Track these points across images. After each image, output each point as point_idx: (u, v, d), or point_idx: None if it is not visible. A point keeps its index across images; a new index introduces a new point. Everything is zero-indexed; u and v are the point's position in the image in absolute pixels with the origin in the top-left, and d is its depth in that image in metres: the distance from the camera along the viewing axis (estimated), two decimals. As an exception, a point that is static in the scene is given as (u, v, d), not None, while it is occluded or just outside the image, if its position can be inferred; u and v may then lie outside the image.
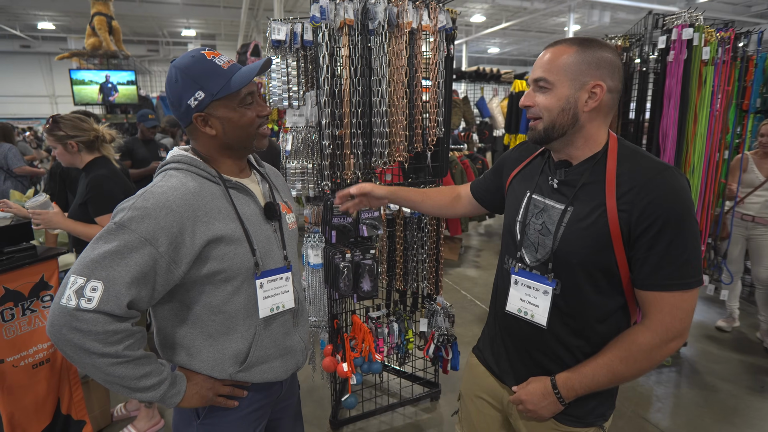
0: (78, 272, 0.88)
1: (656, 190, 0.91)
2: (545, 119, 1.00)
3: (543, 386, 1.06)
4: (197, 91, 0.99)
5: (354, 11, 1.93)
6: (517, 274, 1.11)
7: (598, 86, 0.97)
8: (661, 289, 0.94)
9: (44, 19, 14.68)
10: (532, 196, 1.10)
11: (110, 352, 0.89)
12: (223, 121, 1.02)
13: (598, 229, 0.96)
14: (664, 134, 2.59)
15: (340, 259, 1.99)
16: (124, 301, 0.89)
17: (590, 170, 1.01)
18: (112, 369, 0.91)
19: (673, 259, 0.92)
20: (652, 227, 0.91)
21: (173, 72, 1.01)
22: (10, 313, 1.89)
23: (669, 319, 0.95)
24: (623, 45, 2.87)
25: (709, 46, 2.49)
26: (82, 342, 0.87)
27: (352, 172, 2.08)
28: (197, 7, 13.53)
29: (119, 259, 0.89)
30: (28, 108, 19.29)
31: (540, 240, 1.06)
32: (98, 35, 5.73)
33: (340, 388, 2.47)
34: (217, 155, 1.08)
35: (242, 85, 1.00)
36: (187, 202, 0.96)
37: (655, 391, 2.77)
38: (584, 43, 0.98)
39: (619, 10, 12.42)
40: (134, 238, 0.90)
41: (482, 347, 1.30)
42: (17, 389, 1.91)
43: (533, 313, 1.07)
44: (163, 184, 0.98)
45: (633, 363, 0.98)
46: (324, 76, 1.95)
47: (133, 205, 0.93)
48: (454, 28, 2.20)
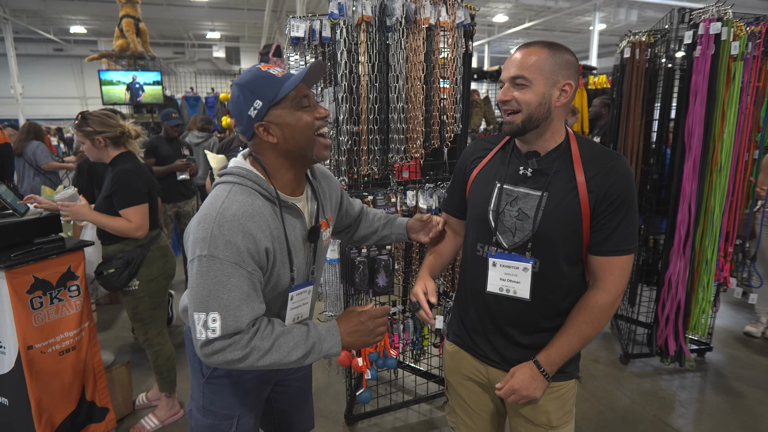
0: (198, 309, 0.98)
1: (616, 173, 1.10)
2: (524, 113, 1.12)
3: (530, 371, 1.17)
4: (255, 101, 1.02)
5: (372, 8, 1.94)
6: (494, 257, 1.22)
7: (568, 84, 1.12)
8: (614, 254, 1.13)
9: (76, 23, 15.20)
10: (504, 186, 1.20)
11: (247, 352, 0.99)
12: (282, 127, 1.04)
13: (573, 208, 1.12)
14: (690, 132, 2.51)
15: (356, 254, 2.01)
16: (244, 321, 0.98)
17: (559, 159, 1.16)
18: (261, 362, 1.00)
19: (624, 229, 1.11)
20: (612, 204, 1.10)
21: (235, 90, 1.06)
22: (39, 301, 1.96)
23: (620, 279, 1.15)
24: (647, 41, 2.81)
25: (739, 41, 2.41)
26: (225, 358, 0.99)
27: (368, 168, 2.10)
28: (222, 9, 13.82)
29: (222, 287, 0.97)
30: (60, 109, 19.99)
31: (517, 225, 1.18)
32: (126, 37, 5.91)
33: (355, 383, 2.48)
34: (280, 167, 1.10)
35: (293, 87, 1.02)
36: (256, 222, 1.01)
37: (678, 396, 2.69)
38: (553, 47, 1.12)
39: (647, 8, 12.14)
40: (226, 265, 0.97)
41: (457, 332, 1.38)
42: (45, 375, 1.99)
43: (516, 289, 1.20)
44: (231, 203, 1.01)
45: (596, 323, 1.15)
46: (342, 72, 1.97)
47: (212, 234, 0.98)
48: (472, 24, 2.20)
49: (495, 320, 1.25)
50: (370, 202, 2.03)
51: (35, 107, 18.54)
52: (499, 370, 1.27)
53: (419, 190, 2.27)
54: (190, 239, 1.02)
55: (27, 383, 1.92)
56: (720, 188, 2.54)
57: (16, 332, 1.89)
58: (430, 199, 2.27)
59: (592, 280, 1.18)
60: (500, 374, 1.26)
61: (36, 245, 2.04)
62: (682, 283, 2.63)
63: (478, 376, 1.33)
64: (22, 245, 2.02)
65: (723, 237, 2.63)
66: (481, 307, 1.27)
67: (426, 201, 2.25)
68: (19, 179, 4.52)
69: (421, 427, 2.42)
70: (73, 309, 2.11)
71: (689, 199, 2.54)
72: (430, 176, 2.43)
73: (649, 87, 2.89)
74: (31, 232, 2.11)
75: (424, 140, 2.17)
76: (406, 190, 2.26)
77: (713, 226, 2.57)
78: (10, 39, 13.58)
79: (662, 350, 2.78)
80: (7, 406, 1.98)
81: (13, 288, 1.87)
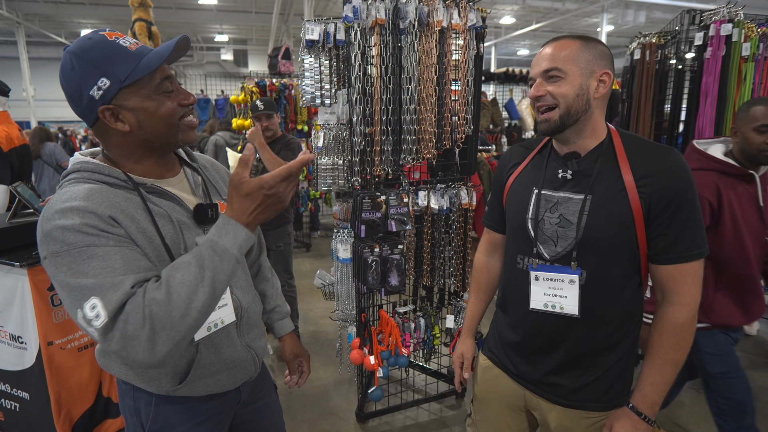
0: (73, 312, 0.79)
1: (671, 170, 1.00)
2: (561, 106, 1.03)
3: (629, 420, 1.05)
4: (100, 78, 0.83)
5: (385, 11, 1.98)
6: (536, 270, 1.11)
7: (605, 74, 1.05)
8: (685, 260, 1.01)
9: (87, 26, 15.38)
10: (542, 192, 1.12)
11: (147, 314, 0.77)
12: (137, 113, 0.86)
13: (622, 210, 1.01)
14: (700, 132, 2.52)
15: (369, 253, 2.04)
16: (128, 283, 0.79)
17: (601, 157, 1.06)
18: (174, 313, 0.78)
19: (692, 231, 1.00)
20: (671, 205, 0.99)
21: (68, 59, 0.84)
22: (59, 298, 2.01)
23: (695, 289, 1.02)
24: (657, 42, 2.82)
25: (750, 42, 2.42)
26: (132, 340, 0.77)
27: (381, 168, 2.12)
28: (230, 12, 13.93)
29: (83, 273, 0.78)
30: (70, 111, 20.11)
31: (559, 232, 1.08)
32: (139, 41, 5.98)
33: (366, 381, 2.51)
34: (135, 156, 0.92)
35: (154, 66, 0.85)
36: (95, 200, 0.83)
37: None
38: (584, 38, 1.05)
39: (656, 9, 12.09)
40: (75, 252, 0.78)
41: (494, 349, 1.28)
42: (64, 370, 2.03)
43: (562, 304, 1.08)
44: (57, 198, 0.83)
45: (684, 344, 1.03)
46: (355, 74, 2.00)
47: (44, 231, 0.80)
48: (483, 26, 2.22)
49: (539, 341, 1.14)
50: (383, 202, 2.05)
51: (46, 110, 18.77)
52: (539, 397, 1.16)
53: (431, 190, 2.30)
54: None
55: (47, 378, 1.97)
56: (731, 189, 2.54)
57: (38, 328, 1.93)
58: (442, 199, 2.29)
59: (662, 294, 1.06)
60: (539, 401, 1.17)
61: (56, 244, 2.09)
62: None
63: (511, 399, 1.23)
64: (43, 244, 2.07)
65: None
66: (523, 324, 1.16)
67: (437, 201, 2.28)
68: (37, 179, 4.68)
69: (432, 426, 2.44)
70: (92, 306, 2.16)
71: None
72: (441, 176, 2.46)
73: (659, 88, 2.90)
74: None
75: (435, 141, 2.20)
76: (417, 191, 2.29)
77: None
78: (23, 42, 13.79)
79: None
80: (28, 401, 2.02)
81: (35, 285, 1.92)
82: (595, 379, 1.10)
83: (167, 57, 0.86)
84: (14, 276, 1.91)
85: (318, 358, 3.10)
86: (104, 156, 0.94)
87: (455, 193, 2.33)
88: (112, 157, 0.93)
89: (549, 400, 1.15)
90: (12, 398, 2.06)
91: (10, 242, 2.01)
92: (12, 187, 2.09)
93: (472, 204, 2.36)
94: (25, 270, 1.88)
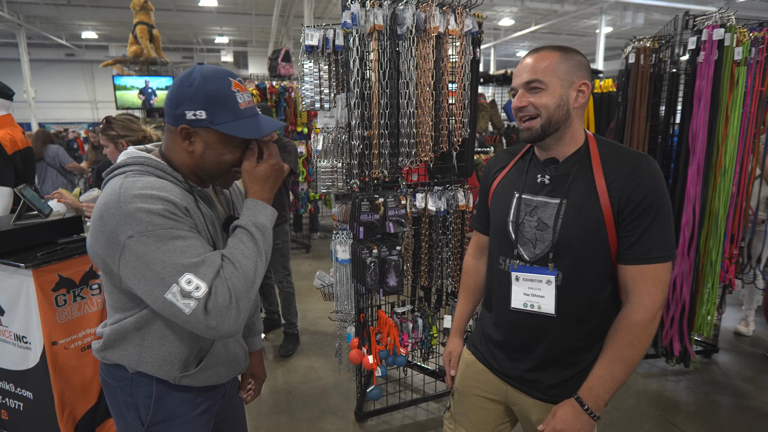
0: (163, 290, 0.86)
1: (641, 175, 1.04)
2: (543, 116, 1.08)
3: (572, 409, 1.09)
4: (200, 110, 0.94)
5: (383, 17, 2.02)
6: (516, 271, 1.16)
7: (584, 84, 1.10)
8: (645, 262, 1.04)
9: (88, 28, 15.45)
10: (522, 196, 1.17)
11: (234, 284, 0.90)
12: (206, 148, 0.98)
13: (594, 213, 1.06)
14: (694, 135, 2.56)
15: (367, 254, 2.07)
16: (217, 257, 0.91)
17: (578, 163, 1.11)
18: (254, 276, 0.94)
19: (655, 234, 1.04)
20: (638, 207, 1.03)
21: (194, 75, 0.95)
22: (63, 298, 2.05)
23: (654, 291, 1.05)
24: (652, 47, 2.86)
25: (742, 47, 2.46)
26: (232, 311, 0.89)
27: (379, 171, 2.16)
28: (230, 15, 13.98)
29: (172, 252, 0.87)
30: (71, 113, 20.27)
31: (538, 235, 1.13)
32: (140, 43, 6.04)
33: (365, 381, 2.54)
34: (184, 168, 1.02)
35: (250, 136, 0.98)
36: (170, 190, 0.93)
37: (684, 396, 2.72)
38: (564, 49, 1.10)
39: (654, 11, 12.15)
40: (160, 232, 0.87)
41: (478, 344, 1.33)
42: (67, 370, 2.06)
43: (540, 304, 1.13)
44: (133, 182, 0.91)
45: (638, 344, 1.05)
46: (354, 79, 2.04)
47: (125, 213, 0.87)
48: (480, 31, 2.26)
49: (520, 338, 1.19)
50: (381, 204, 2.09)
51: (47, 111, 18.83)
52: (520, 392, 1.22)
53: (428, 192, 2.34)
54: (97, 243, 0.91)
55: (51, 378, 2.00)
56: (724, 191, 2.58)
57: (42, 328, 1.97)
58: (439, 201, 2.33)
59: (625, 294, 1.10)
60: (520, 396, 1.22)
61: (60, 245, 2.13)
62: (686, 284, 2.66)
63: (492, 393, 1.28)
64: (47, 245, 2.11)
65: (728, 239, 2.67)
66: (506, 323, 1.22)
67: (435, 203, 2.32)
68: (40, 181, 4.73)
69: (430, 425, 2.47)
70: (95, 307, 2.19)
71: (693, 202, 2.59)
72: (438, 179, 2.50)
73: (653, 91, 2.94)
74: (56, 232, 2.20)
75: (433, 144, 2.23)
76: (415, 193, 2.33)
77: (717, 228, 2.61)
78: (24, 44, 13.84)
79: (667, 351, 2.81)
80: (31, 400, 2.06)
81: (40, 286, 1.95)
82: (573, 376, 1.15)
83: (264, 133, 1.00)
84: (19, 277, 1.94)
85: (317, 358, 3.14)
86: (161, 154, 1.04)
87: (452, 195, 2.37)
88: (169, 157, 1.02)
89: (530, 396, 1.20)
90: (16, 397, 2.10)
91: (15, 244, 2.05)
92: (17, 190, 2.13)
93: (469, 206, 2.40)
94: (30, 271, 1.91)
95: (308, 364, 3.06)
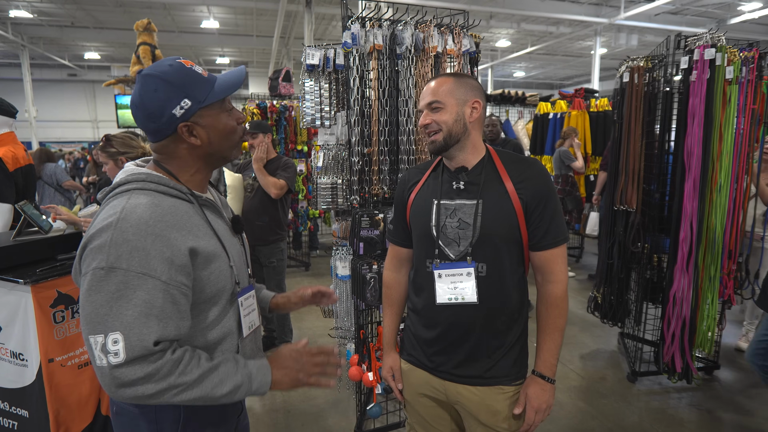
0: (93, 331, 0.83)
1: (539, 177, 1.26)
2: (444, 131, 1.26)
3: (539, 385, 1.27)
4: (183, 100, 0.94)
5: (383, 37, 2.07)
6: (439, 269, 1.29)
7: (476, 102, 1.28)
8: (554, 246, 1.26)
9: (90, 49, 15.69)
10: (441, 202, 1.30)
11: (166, 387, 0.86)
12: (208, 130, 0.99)
13: (507, 210, 1.24)
14: (689, 152, 2.60)
15: (368, 270, 2.08)
16: (151, 340, 0.84)
17: (485, 169, 1.28)
18: (181, 397, 0.88)
19: (558, 222, 1.26)
20: (541, 202, 1.24)
21: (150, 81, 0.94)
22: (61, 315, 2.04)
23: (563, 267, 1.28)
24: (645, 66, 2.92)
25: (733, 66, 2.51)
26: (136, 392, 0.84)
27: (379, 187, 2.18)
28: (232, 36, 14.24)
29: (125, 303, 0.83)
30: (72, 132, 20.44)
31: (460, 234, 1.27)
32: (142, 63, 6.13)
33: (364, 399, 2.51)
34: (193, 169, 1.03)
35: (228, 92, 1.00)
36: (168, 222, 0.90)
37: (686, 413, 2.70)
38: (458, 75, 1.31)
39: (647, 33, 12.41)
40: (130, 276, 0.84)
41: (411, 351, 1.41)
42: (64, 388, 2.04)
43: (463, 295, 1.27)
44: (134, 207, 0.89)
45: (564, 312, 1.28)
46: (354, 97, 2.08)
47: (113, 241, 0.85)
48: (477, 51, 2.31)
49: (451, 332, 1.29)
50: (381, 220, 2.10)
51: (47, 130, 18.98)
52: (457, 384, 1.31)
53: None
54: (84, 254, 0.89)
55: (47, 396, 1.97)
56: (720, 207, 2.60)
57: (39, 345, 1.95)
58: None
59: (541, 275, 1.30)
60: (458, 388, 1.31)
61: (60, 261, 2.13)
62: (686, 300, 2.66)
63: (435, 393, 1.36)
64: (47, 261, 2.11)
65: (726, 255, 2.69)
66: (435, 321, 1.31)
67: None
68: (39, 199, 4.73)
69: (430, 444, 2.43)
70: (93, 323, 2.18)
71: (690, 217, 2.61)
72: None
73: (648, 110, 2.99)
74: (55, 248, 2.20)
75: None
76: (414, 209, 2.34)
77: (715, 244, 2.62)
78: (27, 65, 14.04)
79: (669, 368, 2.79)
80: (27, 419, 2.03)
81: (38, 302, 1.94)
82: (502, 357, 1.30)
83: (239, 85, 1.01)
84: (18, 293, 1.94)
85: (316, 377, 3.10)
86: (158, 166, 1.02)
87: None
88: (170, 169, 1.01)
89: (468, 384, 1.30)
90: (10, 416, 2.07)
91: (14, 260, 2.05)
92: (18, 206, 2.14)
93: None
94: (29, 287, 1.91)
95: (307, 383, 3.02)
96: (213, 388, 0.90)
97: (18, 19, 12.14)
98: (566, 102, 6.02)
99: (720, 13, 11.23)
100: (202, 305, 0.98)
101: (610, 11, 10.95)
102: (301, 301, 1.33)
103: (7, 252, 2.02)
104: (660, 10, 10.69)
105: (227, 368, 0.94)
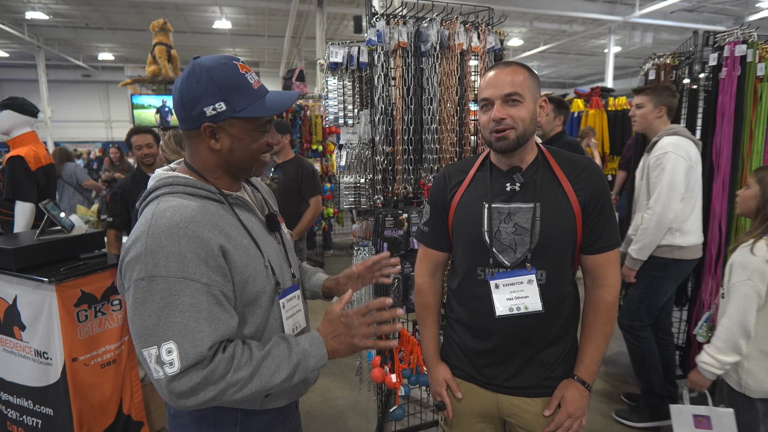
0: (146, 344, 0.82)
1: (594, 175, 1.19)
2: (519, 128, 1.14)
3: (577, 389, 1.20)
4: (219, 102, 0.90)
5: (408, 34, 2.03)
6: (495, 279, 1.19)
7: (544, 101, 1.21)
8: (608, 249, 1.19)
9: (105, 50, 15.85)
10: (492, 205, 1.20)
11: (224, 387, 0.84)
12: (233, 140, 0.94)
13: (567, 212, 1.17)
14: (718, 151, 2.53)
15: (391, 270, 2.04)
16: (205, 345, 0.83)
17: (540, 169, 1.20)
18: (243, 392, 0.86)
19: (613, 224, 1.20)
20: (599, 203, 1.17)
21: (198, 70, 0.91)
22: (84, 314, 2.03)
23: (616, 272, 1.22)
24: (672, 63, 2.85)
25: (765, 62, 2.44)
26: (197, 399, 0.83)
27: (402, 187, 2.15)
28: (243, 36, 14.30)
29: (172, 310, 0.82)
30: (85, 132, 20.68)
31: (517, 240, 1.18)
32: (158, 63, 6.17)
33: (385, 401, 2.49)
34: (214, 171, 0.98)
35: (269, 113, 0.94)
36: (199, 223, 0.87)
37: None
38: (527, 67, 1.19)
39: (662, 31, 12.24)
40: (172, 282, 0.82)
41: (457, 363, 1.31)
42: (87, 387, 2.04)
43: (526, 304, 1.18)
44: (163, 211, 0.87)
45: (612, 319, 1.21)
46: (378, 95, 2.05)
47: (147, 249, 0.83)
48: (502, 48, 2.27)
49: (507, 343, 1.21)
50: (405, 220, 2.08)
51: (62, 130, 19.23)
52: (511, 396, 1.24)
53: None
54: (123, 267, 0.88)
55: (70, 395, 1.98)
56: (751, 207, 2.53)
57: (63, 344, 1.95)
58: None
59: (591, 279, 1.23)
60: (512, 400, 1.24)
61: (82, 260, 2.13)
62: (714, 302, 2.60)
63: (484, 407, 1.29)
64: (69, 260, 2.11)
65: (755, 257, 2.61)
66: (490, 332, 1.22)
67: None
68: (59, 198, 4.80)
69: (452, 447, 2.40)
70: (115, 323, 2.18)
71: (719, 218, 2.54)
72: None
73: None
74: (78, 247, 2.20)
75: (456, 160, 2.23)
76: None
77: (745, 246, 2.55)
78: (42, 66, 14.23)
79: (696, 372, 2.73)
80: (51, 417, 2.03)
81: (62, 301, 1.95)
82: (558, 365, 1.23)
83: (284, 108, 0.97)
84: (42, 292, 1.94)
85: (336, 378, 3.08)
86: (187, 166, 0.99)
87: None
88: (195, 166, 0.98)
89: (523, 396, 1.23)
90: (35, 414, 2.07)
91: (39, 258, 2.05)
92: (41, 205, 2.14)
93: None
94: (53, 286, 1.91)
95: (325, 384, 3.00)
96: (271, 376, 0.88)
97: (34, 21, 12.30)
98: (583, 101, 5.94)
99: (738, 9, 11.04)
100: (238, 309, 0.94)
101: (624, 9, 10.80)
102: (350, 280, 1.25)
103: (32, 251, 2.03)
104: (676, 8, 10.52)
105: (280, 351, 0.91)
